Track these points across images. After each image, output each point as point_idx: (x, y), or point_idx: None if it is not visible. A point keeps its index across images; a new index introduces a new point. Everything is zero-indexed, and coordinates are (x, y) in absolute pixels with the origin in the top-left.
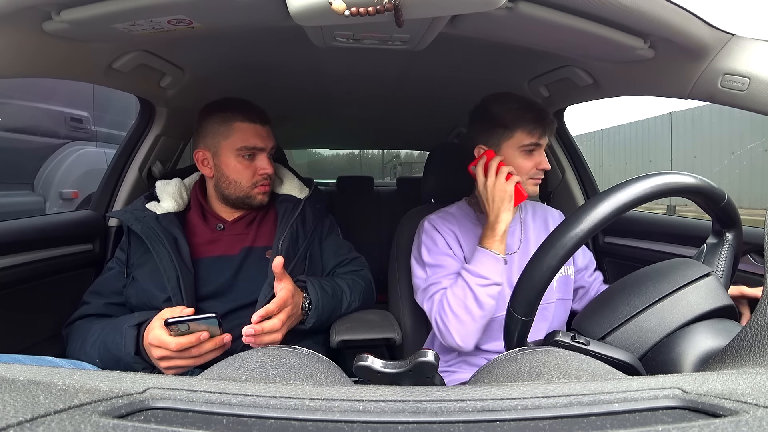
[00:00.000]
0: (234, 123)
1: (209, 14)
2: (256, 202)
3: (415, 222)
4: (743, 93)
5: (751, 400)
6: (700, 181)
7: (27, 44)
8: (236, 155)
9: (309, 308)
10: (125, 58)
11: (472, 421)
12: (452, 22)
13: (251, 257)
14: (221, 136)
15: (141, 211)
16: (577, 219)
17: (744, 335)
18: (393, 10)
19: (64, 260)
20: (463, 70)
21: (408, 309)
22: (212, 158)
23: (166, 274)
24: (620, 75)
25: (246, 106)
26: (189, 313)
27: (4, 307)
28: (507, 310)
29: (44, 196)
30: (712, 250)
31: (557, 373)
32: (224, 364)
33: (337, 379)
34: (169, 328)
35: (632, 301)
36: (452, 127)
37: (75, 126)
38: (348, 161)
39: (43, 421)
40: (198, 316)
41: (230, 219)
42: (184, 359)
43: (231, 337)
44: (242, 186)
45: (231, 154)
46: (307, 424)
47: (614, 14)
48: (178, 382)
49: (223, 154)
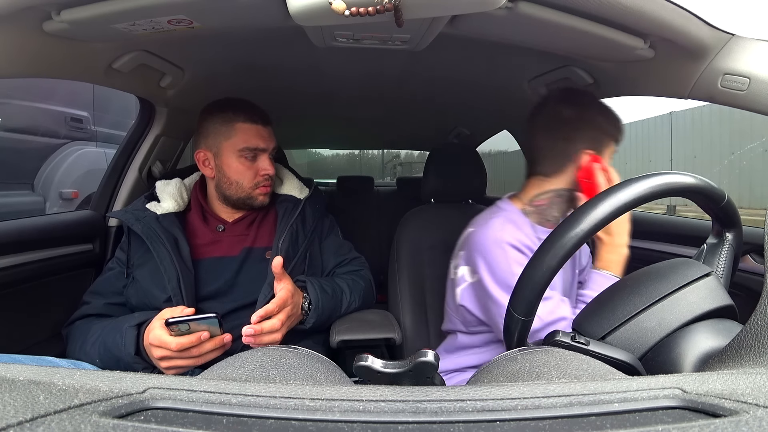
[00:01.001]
0: (236, 123)
1: (209, 14)
2: (257, 203)
3: (415, 222)
4: (743, 93)
5: (751, 400)
6: (700, 181)
7: (27, 44)
8: (238, 156)
9: (309, 308)
10: (125, 58)
11: (472, 421)
12: (452, 22)
13: (251, 258)
14: (223, 136)
15: (141, 211)
16: (577, 219)
17: (744, 335)
18: (393, 10)
19: (64, 260)
20: (463, 70)
21: (408, 309)
22: (213, 159)
23: (167, 275)
24: (620, 75)
25: (248, 107)
26: (189, 313)
27: (4, 307)
28: (507, 310)
29: (44, 196)
30: (712, 250)
31: (557, 373)
32: (224, 364)
33: (337, 379)
34: (170, 328)
35: (632, 301)
36: (452, 127)
37: (75, 126)
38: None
39: (43, 421)
40: (198, 316)
41: (230, 220)
42: (185, 359)
43: (231, 337)
44: (244, 187)
45: (233, 155)
46: (307, 424)
47: (614, 14)
48: (178, 382)
49: (224, 154)
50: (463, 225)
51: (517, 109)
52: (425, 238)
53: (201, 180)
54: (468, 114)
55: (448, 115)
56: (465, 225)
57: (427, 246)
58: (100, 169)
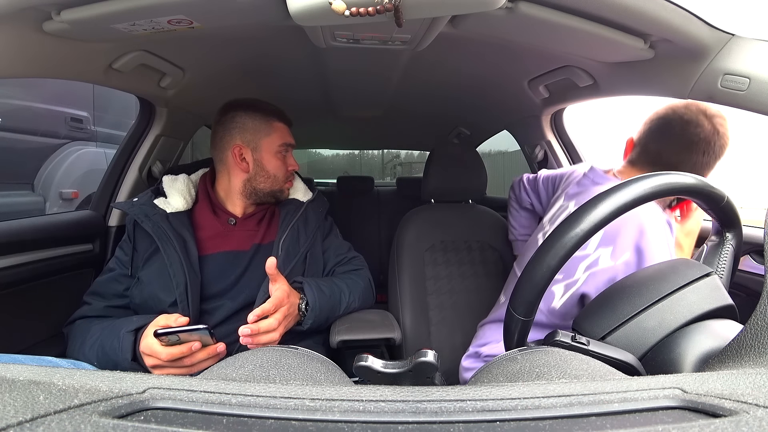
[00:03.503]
0: (273, 122)
1: (209, 14)
2: (284, 195)
3: (415, 222)
4: (743, 93)
5: (751, 400)
6: (699, 181)
7: (27, 44)
8: (276, 152)
9: (306, 309)
10: (125, 58)
11: (472, 421)
12: (452, 22)
13: (260, 254)
14: (263, 132)
15: (149, 207)
16: (577, 219)
17: (744, 335)
18: (393, 10)
19: (64, 260)
20: (463, 70)
21: (408, 309)
22: (252, 153)
23: (175, 279)
24: (620, 75)
25: (277, 108)
26: (183, 323)
27: (4, 307)
28: (507, 311)
29: (44, 196)
30: (712, 250)
31: (557, 373)
32: (224, 364)
33: (337, 379)
34: (159, 338)
35: (632, 301)
36: (452, 127)
37: (75, 126)
38: (348, 161)
39: (43, 421)
40: (189, 327)
41: (240, 215)
42: (177, 368)
43: (225, 347)
44: (279, 180)
45: (272, 151)
46: (307, 424)
47: (614, 14)
48: (178, 382)
49: (264, 150)
50: (463, 225)
51: (517, 109)
52: (425, 239)
53: (208, 175)
54: (468, 114)
55: (448, 115)
56: (465, 225)
57: (427, 246)
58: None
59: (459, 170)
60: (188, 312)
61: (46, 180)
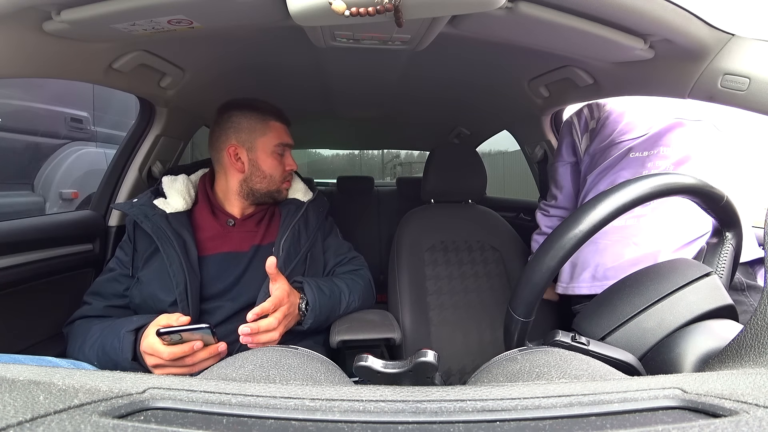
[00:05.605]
0: (270, 122)
1: (209, 14)
2: (282, 196)
3: (415, 222)
4: (743, 93)
5: (751, 400)
6: (699, 181)
7: (27, 44)
8: (272, 152)
9: (306, 309)
10: (125, 58)
11: (472, 421)
12: (452, 22)
13: (259, 255)
14: (258, 132)
15: (149, 207)
16: (577, 219)
17: (744, 335)
18: (393, 10)
19: (64, 260)
20: (464, 70)
21: (408, 309)
22: (247, 153)
23: (175, 279)
24: (620, 75)
25: (275, 107)
26: (184, 322)
27: (4, 307)
28: (506, 311)
29: (44, 196)
30: (712, 250)
31: (557, 373)
32: (224, 364)
33: (337, 379)
34: (161, 337)
35: (632, 302)
36: (452, 127)
37: (75, 126)
38: (348, 161)
39: (43, 421)
40: (191, 326)
41: (239, 216)
42: (178, 368)
43: (226, 346)
44: (275, 180)
45: (267, 150)
46: (307, 424)
47: (614, 14)
48: (178, 382)
49: (259, 149)
50: (464, 225)
51: (517, 109)
52: (425, 239)
53: (207, 175)
54: (468, 114)
55: (448, 115)
56: (465, 225)
57: (427, 246)
58: (100, 169)
59: (459, 170)
60: (188, 312)
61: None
